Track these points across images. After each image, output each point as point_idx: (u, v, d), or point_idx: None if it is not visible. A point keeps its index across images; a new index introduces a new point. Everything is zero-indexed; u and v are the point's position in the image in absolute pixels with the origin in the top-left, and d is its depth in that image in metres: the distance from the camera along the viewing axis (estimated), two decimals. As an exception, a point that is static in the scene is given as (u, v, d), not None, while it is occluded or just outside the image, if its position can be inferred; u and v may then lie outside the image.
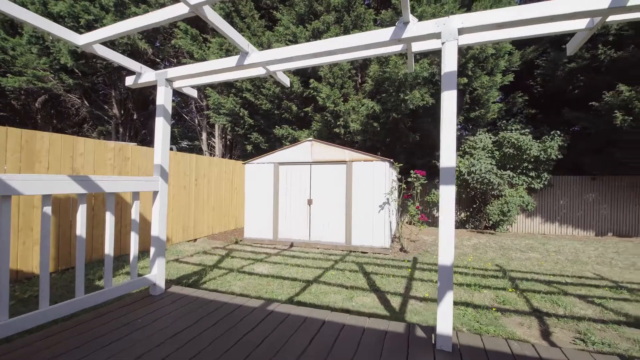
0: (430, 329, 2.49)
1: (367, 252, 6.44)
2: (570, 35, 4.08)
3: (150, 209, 3.87)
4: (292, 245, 7.03)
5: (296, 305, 3.39)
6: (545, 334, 2.98)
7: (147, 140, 17.22)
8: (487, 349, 2.21)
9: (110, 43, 10.13)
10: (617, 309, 3.50)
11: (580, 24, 2.27)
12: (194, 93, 4.01)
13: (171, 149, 12.59)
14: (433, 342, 2.29)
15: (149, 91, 14.82)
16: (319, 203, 6.97)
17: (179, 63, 13.20)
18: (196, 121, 15.42)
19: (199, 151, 17.55)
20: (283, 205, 7.26)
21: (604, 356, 2.10)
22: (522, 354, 2.13)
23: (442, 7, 7.30)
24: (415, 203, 6.82)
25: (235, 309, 2.85)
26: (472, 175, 9.46)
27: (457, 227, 10.99)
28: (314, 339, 2.33)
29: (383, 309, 3.48)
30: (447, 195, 2.18)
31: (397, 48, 2.71)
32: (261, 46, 9.71)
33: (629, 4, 1.82)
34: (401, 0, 2.12)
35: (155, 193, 3.17)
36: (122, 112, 14.43)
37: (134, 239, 3.00)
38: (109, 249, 2.71)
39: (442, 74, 2.22)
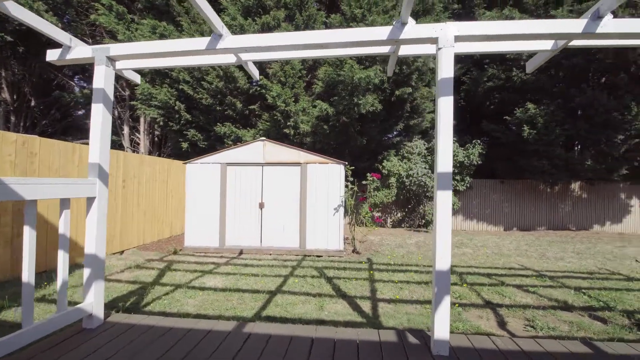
0: (420, 333, 2.49)
1: (322, 256, 6.34)
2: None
3: (81, 214, 3.10)
4: (241, 252, 6.53)
5: (267, 322, 3.09)
6: (502, 324, 3.27)
7: (48, 132, 14.26)
8: (477, 347, 2.28)
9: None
10: (548, 296, 4.07)
11: (547, 45, 2.53)
12: (136, 78, 3.37)
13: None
14: (428, 346, 2.27)
15: (54, 73, 12.34)
16: (272, 206, 6.62)
17: (95, 44, 11.27)
18: (116, 113, 13.36)
19: (119, 148, 15.26)
20: (231, 209, 6.70)
21: (569, 342, 2.35)
22: (507, 349, 2.25)
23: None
24: (368, 205, 7.00)
25: (203, 337, 2.42)
26: (410, 178, 10.20)
27: (394, 227, 11.75)
28: (312, 361, 2.10)
29: (357, 316, 3.40)
30: (444, 200, 2.19)
31: (386, 49, 2.66)
32: (202, 34, 8.88)
33: (597, 30, 2.06)
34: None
35: (90, 200, 2.53)
36: (15, 97, 11.66)
37: (63, 260, 2.33)
38: (28, 275, 2.03)
39: (438, 79, 2.23)
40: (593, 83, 8.87)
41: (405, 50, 2.70)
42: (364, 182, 9.93)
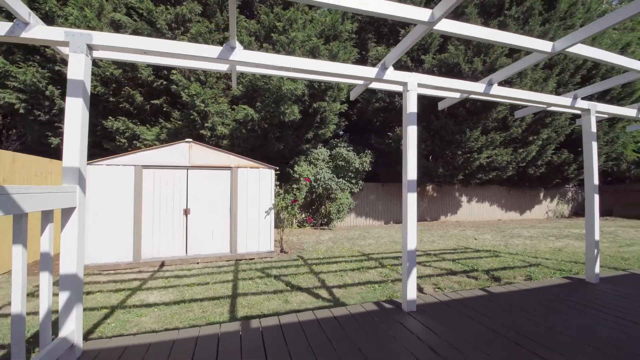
0: (390, 301, 3.27)
1: (254, 258, 6.49)
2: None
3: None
4: (163, 264, 5.94)
5: (249, 319, 3.26)
6: (420, 289, 4.45)
7: None
8: (428, 302, 3.23)
9: None
10: (439, 267, 5.65)
11: (457, 95, 3.78)
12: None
13: None
14: (400, 307, 3.07)
15: None
16: (199, 212, 6.31)
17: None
18: None
19: None
20: (149, 217, 6.00)
21: (469, 290, 3.60)
22: (443, 300, 3.29)
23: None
24: (297, 206, 7.54)
25: (197, 344, 2.51)
26: (318, 182, 11.33)
27: (300, 227, 12.67)
28: (338, 332, 2.57)
29: (323, 301, 3.94)
30: (411, 199, 3.03)
31: (360, 82, 3.35)
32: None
33: (490, 92, 3.34)
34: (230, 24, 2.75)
35: (68, 210, 2.20)
36: None
37: (48, 283, 1.98)
38: (21, 306, 1.70)
39: (406, 112, 3.06)
40: (444, 113, 12.16)
41: (374, 85, 3.46)
42: (294, 186, 10.46)
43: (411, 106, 3.03)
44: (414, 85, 3.04)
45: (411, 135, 3.03)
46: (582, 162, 14.60)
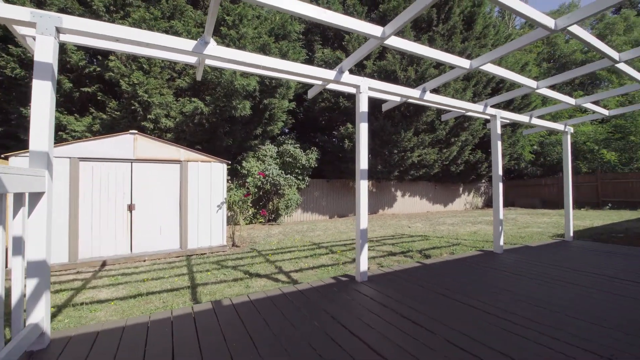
0: (345, 276, 3.76)
1: (205, 253, 6.46)
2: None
3: None
4: (104, 264, 5.57)
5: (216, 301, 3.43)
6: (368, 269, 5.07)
7: None
8: (375, 274, 3.80)
9: None
10: (381, 250, 6.39)
11: (398, 99, 4.44)
12: (32, 45, 2.81)
13: None
14: (353, 278, 3.58)
15: None
16: (145, 208, 6.04)
17: None
18: None
19: None
20: (87, 214, 5.56)
21: (408, 264, 4.30)
22: (388, 271, 3.90)
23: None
24: (250, 200, 7.62)
25: (174, 323, 2.67)
26: (267, 177, 11.47)
27: (248, 223, 12.63)
28: (305, 301, 2.93)
29: (283, 284, 4.25)
30: (363, 186, 3.55)
31: (319, 82, 3.75)
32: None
33: (424, 97, 4.04)
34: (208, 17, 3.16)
35: (37, 195, 2.18)
36: None
37: (21, 269, 1.96)
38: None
39: (359, 112, 3.56)
40: (383, 115, 13.34)
41: (331, 86, 3.89)
42: (247, 180, 10.37)
43: (363, 106, 3.54)
44: (366, 88, 3.56)
45: (363, 131, 3.54)
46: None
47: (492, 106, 5.10)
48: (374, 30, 2.76)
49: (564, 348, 2.07)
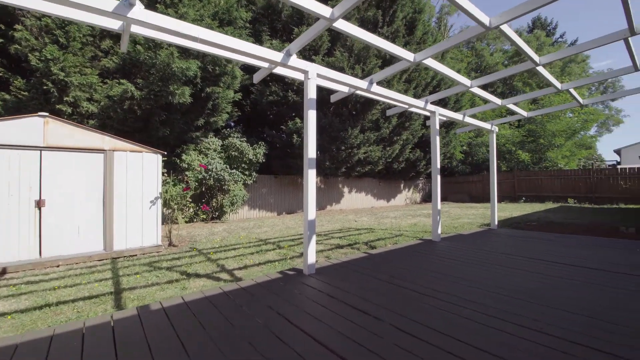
0: (293, 269, 3.61)
1: (136, 255, 5.76)
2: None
3: None
4: (4, 272, 4.60)
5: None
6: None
7: None
8: (322, 266, 3.72)
9: None
10: (329, 243, 6.38)
11: (346, 89, 4.41)
12: None
13: None
14: (301, 272, 3.45)
15: None
16: (59, 204, 5.14)
17: None
18: None
19: None
20: (-25, 212, 4.51)
21: (356, 255, 4.33)
22: (335, 263, 3.86)
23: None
24: (189, 195, 6.98)
25: (84, 335, 2.28)
26: (210, 172, 10.76)
27: (188, 221, 11.73)
28: (248, 298, 2.69)
29: (225, 282, 3.94)
30: (311, 175, 3.43)
31: (265, 65, 3.52)
32: None
33: (371, 89, 4.07)
34: None
35: None
36: None
37: None
38: None
39: (307, 98, 3.43)
40: (331, 112, 13.47)
41: (278, 70, 3.68)
42: (187, 173, 9.51)
43: (311, 92, 3.41)
44: (314, 74, 3.44)
45: (311, 118, 3.42)
46: (430, 160, 18.75)
47: (431, 103, 5.39)
48: (323, 10, 2.64)
49: (500, 324, 2.21)
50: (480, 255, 4.28)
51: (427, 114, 5.44)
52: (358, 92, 4.40)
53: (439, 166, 5.28)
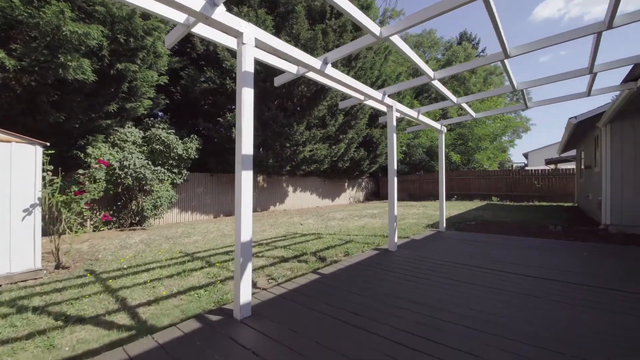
0: (218, 310, 2.61)
1: (0, 285, 4.08)
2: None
3: None
4: None
5: None
6: (255, 285, 4.03)
7: None
8: (263, 300, 2.80)
9: None
10: (272, 256, 5.44)
11: (294, 69, 3.52)
12: None
13: None
14: (231, 314, 2.48)
15: None
16: None
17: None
18: None
19: None
20: None
21: (302, 277, 3.49)
22: (285, 290, 2.96)
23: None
24: (86, 201, 5.31)
25: None
26: (126, 169, 8.89)
27: (97, 230, 9.61)
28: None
29: (119, 331, 2.75)
30: (246, 178, 2.48)
31: (181, 19, 2.43)
32: None
33: (325, 70, 3.25)
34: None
35: None
36: None
37: None
38: None
39: (241, 71, 2.46)
40: (275, 105, 12.41)
41: (199, 30, 2.61)
42: (80, 172, 7.53)
43: (247, 63, 2.45)
44: (251, 40, 2.48)
45: (246, 98, 2.46)
46: (373, 159, 18.91)
47: (389, 96, 4.82)
48: None
49: None
50: (444, 270, 3.81)
51: (384, 108, 4.87)
52: (310, 74, 3.56)
53: (395, 167, 4.75)
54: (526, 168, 26.80)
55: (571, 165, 22.16)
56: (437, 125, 6.60)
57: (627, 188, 7.10)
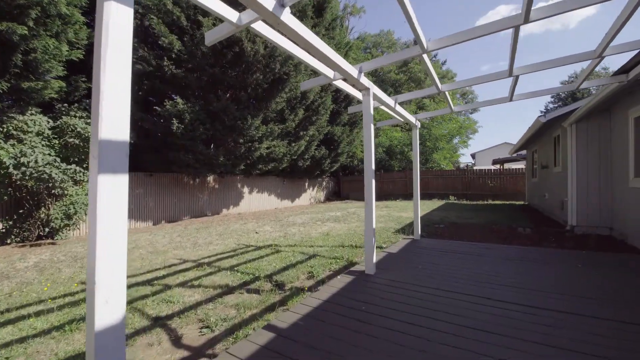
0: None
1: None
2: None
3: None
4: None
5: None
6: (178, 340, 2.72)
7: None
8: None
9: None
10: (212, 284, 4.12)
11: (233, 17, 2.30)
12: None
13: None
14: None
15: None
16: None
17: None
18: None
19: None
20: None
21: (253, 335, 2.30)
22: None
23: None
24: None
25: None
26: (24, 168, 6.81)
27: (-12, 246, 7.37)
28: None
29: None
30: (117, 183, 1.23)
31: None
32: None
33: (281, 17, 2.09)
34: None
35: None
36: None
37: None
38: None
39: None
40: (227, 97, 10.86)
41: None
42: None
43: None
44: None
45: (110, 69, 1.20)
46: (334, 158, 18.02)
47: (365, 75, 3.79)
48: None
49: None
50: (446, 309, 2.88)
51: (358, 94, 3.83)
52: (258, 25, 2.37)
53: (373, 166, 3.75)
54: (474, 168, 28.17)
55: (519, 165, 23.55)
56: (412, 118, 5.78)
57: (593, 189, 6.96)
